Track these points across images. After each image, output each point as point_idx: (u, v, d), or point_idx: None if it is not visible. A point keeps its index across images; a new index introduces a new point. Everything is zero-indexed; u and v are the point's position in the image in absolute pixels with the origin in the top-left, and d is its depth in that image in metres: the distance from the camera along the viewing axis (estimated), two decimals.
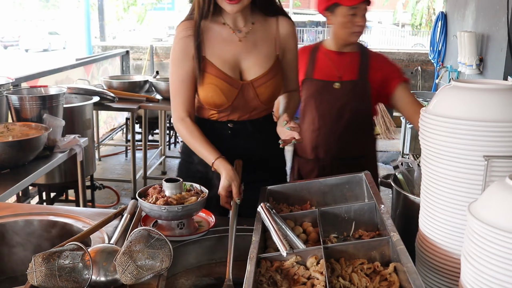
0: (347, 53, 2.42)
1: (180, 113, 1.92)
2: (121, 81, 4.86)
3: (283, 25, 1.96)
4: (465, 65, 5.29)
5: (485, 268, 1.01)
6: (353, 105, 2.39)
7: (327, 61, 2.43)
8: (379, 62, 2.43)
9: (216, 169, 1.82)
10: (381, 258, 1.35)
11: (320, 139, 2.43)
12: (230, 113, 1.97)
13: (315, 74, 2.43)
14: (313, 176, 2.45)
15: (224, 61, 1.89)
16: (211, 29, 1.90)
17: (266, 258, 1.35)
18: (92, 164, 4.17)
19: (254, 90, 1.90)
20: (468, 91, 1.23)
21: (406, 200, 1.69)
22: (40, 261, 1.29)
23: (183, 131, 1.93)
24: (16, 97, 3.05)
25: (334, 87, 2.37)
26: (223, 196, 1.77)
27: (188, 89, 1.91)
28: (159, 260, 1.31)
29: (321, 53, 2.46)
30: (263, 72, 1.90)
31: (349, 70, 2.39)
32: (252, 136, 2.01)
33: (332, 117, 2.40)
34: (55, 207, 2.11)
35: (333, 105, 2.39)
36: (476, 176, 1.19)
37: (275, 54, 1.95)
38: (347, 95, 2.37)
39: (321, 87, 2.40)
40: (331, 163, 2.44)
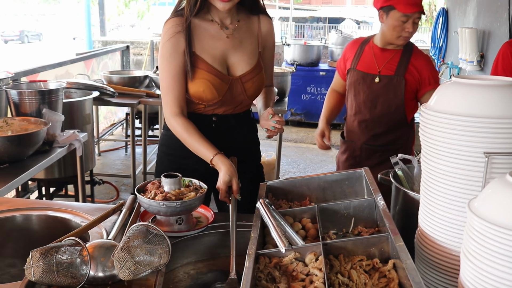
0: (390, 50, 2.63)
1: (173, 109, 1.94)
2: (121, 76, 4.85)
3: (264, 24, 2.06)
4: (466, 61, 5.27)
5: (484, 265, 1.00)
6: (386, 98, 2.60)
7: (371, 55, 2.67)
8: (419, 64, 2.60)
9: (215, 165, 1.84)
10: (380, 254, 1.34)
11: (355, 125, 2.73)
12: (217, 107, 2.01)
13: (359, 65, 2.69)
14: (344, 157, 2.80)
15: (214, 56, 1.94)
16: (199, 25, 1.95)
17: (264, 254, 1.34)
18: (91, 159, 4.16)
19: (242, 86, 1.98)
20: (468, 87, 1.22)
21: (406, 196, 1.68)
22: (38, 256, 1.28)
23: (177, 128, 1.93)
24: (15, 92, 3.04)
25: (374, 81, 2.62)
26: (223, 190, 1.78)
27: (180, 85, 1.93)
28: (157, 255, 1.30)
29: (368, 47, 2.70)
30: (250, 68, 1.99)
31: (388, 66, 2.61)
32: (234, 129, 2.08)
33: (366, 107, 2.64)
34: (53, 202, 2.10)
35: (367, 96, 2.64)
36: (476, 172, 1.18)
37: (258, 51, 2.05)
38: (382, 88, 2.60)
39: (361, 78, 2.66)
40: (361, 148, 2.72)
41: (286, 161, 6.34)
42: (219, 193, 1.80)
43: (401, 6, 2.47)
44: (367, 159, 2.70)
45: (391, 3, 2.50)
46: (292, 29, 15.05)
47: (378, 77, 2.60)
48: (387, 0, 2.52)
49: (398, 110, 2.63)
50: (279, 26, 20.66)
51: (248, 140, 2.17)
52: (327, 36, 11.68)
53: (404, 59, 2.59)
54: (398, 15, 2.50)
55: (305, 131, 7.88)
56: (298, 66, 7.33)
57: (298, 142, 7.34)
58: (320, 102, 7.87)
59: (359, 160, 2.74)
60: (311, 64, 7.88)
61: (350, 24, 21.79)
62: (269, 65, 2.17)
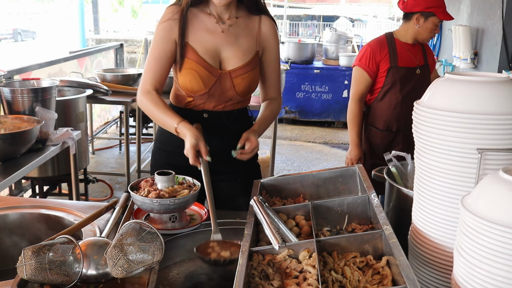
0: (416, 45, 3.12)
1: (147, 86, 1.96)
2: (115, 74, 4.83)
3: (265, 24, 2.04)
4: (460, 59, 5.28)
5: (478, 262, 1.00)
6: (424, 84, 2.82)
7: (406, 52, 3.08)
8: (429, 50, 3.24)
9: (180, 133, 1.84)
10: (373, 251, 1.34)
11: (402, 114, 3.03)
12: (206, 101, 2.01)
13: (399, 62, 3.06)
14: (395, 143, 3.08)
15: (206, 49, 1.95)
16: (197, 17, 1.97)
17: (258, 251, 1.34)
18: (85, 157, 4.15)
19: (231, 81, 1.97)
20: (462, 84, 1.23)
21: (400, 193, 1.68)
22: (30, 254, 1.27)
23: (146, 103, 1.94)
24: (8, 90, 3.02)
25: (417, 73, 3.08)
26: (192, 155, 1.76)
27: (161, 68, 1.96)
28: (150, 253, 1.30)
29: (399, 45, 3.09)
30: (241, 64, 1.97)
31: (419, 57, 3.11)
32: (225, 127, 2.06)
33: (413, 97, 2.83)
34: (46, 200, 2.09)
35: (413, 87, 3.05)
36: (470, 169, 1.18)
37: (255, 50, 2.02)
38: (422, 77, 3.09)
39: (405, 73, 3.05)
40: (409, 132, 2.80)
41: (280, 159, 6.34)
42: (189, 158, 1.77)
43: (441, 15, 2.97)
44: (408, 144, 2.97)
45: (432, 10, 2.97)
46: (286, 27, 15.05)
47: (418, 68, 3.09)
48: (429, 7, 2.97)
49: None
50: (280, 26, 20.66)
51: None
52: (321, 34, 11.69)
53: (423, 49, 3.17)
54: (436, 20, 2.99)
55: (299, 129, 7.89)
56: (292, 64, 7.35)
57: (292, 140, 7.35)
58: (314, 100, 7.88)
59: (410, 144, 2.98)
60: (306, 62, 7.89)
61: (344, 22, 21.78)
62: (273, 71, 2.10)
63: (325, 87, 7.77)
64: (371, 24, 23.90)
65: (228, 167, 2.05)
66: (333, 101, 7.79)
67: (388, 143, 3.10)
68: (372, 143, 3.16)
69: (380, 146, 3.11)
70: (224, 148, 2.02)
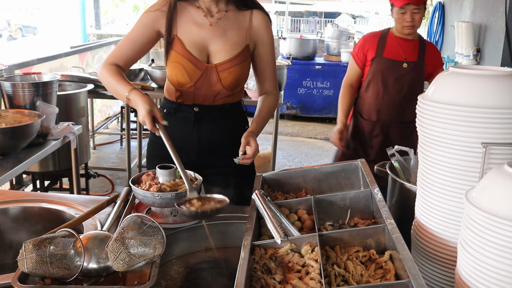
0: (411, 40, 3.08)
1: (111, 59, 1.97)
2: None
3: (256, 18, 2.03)
4: (462, 55, 5.26)
5: (482, 256, 0.99)
6: (411, 80, 3.04)
7: (396, 45, 3.08)
8: (432, 50, 3.15)
9: (132, 100, 1.81)
10: (376, 246, 1.33)
11: (383, 105, 3.09)
12: (194, 95, 2.01)
13: (385, 54, 3.08)
14: (374, 133, 3.14)
15: (193, 42, 1.95)
16: (186, 10, 1.98)
17: (260, 245, 1.33)
18: (86, 152, 4.14)
19: (217, 74, 1.96)
20: (466, 77, 1.21)
21: (402, 188, 1.67)
22: (31, 247, 1.27)
23: (104, 73, 1.94)
24: (9, 84, 3.01)
25: (402, 66, 3.05)
26: (149, 121, 1.74)
27: (132, 49, 1.98)
28: (151, 247, 1.29)
29: (390, 38, 3.10)
30: (228, 58, 1.96)
31: (412, 53, 3.06)
32: (215, 122, 2.06)
33: (395, 89, 3.06)
34: (47, 194, 2.09)
35: (396, 79, 3.05)
36: (474, 163, 1.17)
37: (244, 43, 2.01)
38: (409, 73, 3.05)
39: (389, 64, 3.06)
40: (389, 124, 3.11)
41: (281, 155, 6.33)
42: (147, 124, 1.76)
43: (396, 2, 2.97)
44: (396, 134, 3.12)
45: (391, 1, 3.02)
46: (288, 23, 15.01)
47: (406, 63, 3.04)
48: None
49: (420, 89, 3.03)
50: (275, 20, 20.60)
51: (234, 133, 2.06)
52: (323, 30, 11.66)
53: (422, 48, 3.09)
54: (396, 9, 2.99)
55: (301, 125, 7.88)
56: (294, 60, 7.32)
57: (293, 136, 7.33)
58: (316, 96, 7.86)
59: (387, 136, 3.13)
60: (307, 57, 7.86)
61: (346, 19, 21.75)
62: (267, 65, 2.10)
63: (326, 83, 7.76)
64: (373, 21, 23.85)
65: (218, 161, 2.06)
66: (335, 97, 7.72)
67: (369, 132, 3.17)
68: (358, 129, 3.23)
69: (362, 134, 3.21)
70: (215, 143, 2.05)
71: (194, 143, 2.07)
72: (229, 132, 2.08)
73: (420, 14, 2.97)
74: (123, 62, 1.98)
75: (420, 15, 2.97)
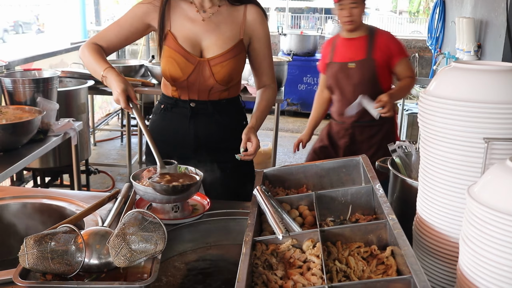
0: (356, 38, 3.02)
1: (95, 40, 1.99)
2: (116, 65, 4.79)
3: (250, 12, 2.03)
4: (463, 51, 5.25)
5: (484, 251, 0.99)
6: (361, 79, 2.98)
7: (342, 47, 3.08)
8: (384, 41, 2.99)
9: (107, 78, 1.84)
10: (378, 241, 1.33)
11: (342, 108, 3.07)
12: (188, 90, 2.02)
13: (335, 58, 3.09)
14: (340, 135, 3.16)
15: (185, 37, 1.97)
16: (179, 5, 2.00)
17: (261, 241, 1.33)
18: (87, 148, 4.14)
19: (209, 69, 1.97)
20: (468, 73, 1.21)
21: (404, 184, 1.66)
22: (32, 243, 1.27)
23: (85, 50, 1.95)
24: (9, 80, 3.01)
25: (349, 67, 3.00)
26: (123, 99, 1.78)
27: (117, 35, 2.00)
28: (153, 243, 1.29)
29: (339, 41, 3.11)
30: (220, 52, 1.97)
31: (359, 51, 2.99)
32: (212, 117, 2.07)
33: (349, 90, 3.02)
34: (48, 190, 2.09)
35: (348, 81, 3.02)
36: (476, 158, 1.16)
37: (238, 38, 2.01)
38: (358, 72, 2.98)
39: (339, 68, 3.04)
40: (352, 126, 3.08)
41: (282, 151, 6.33)
42: (121, 103, 1.79)
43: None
44: (360, 134, 3.11)
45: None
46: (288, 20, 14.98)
47: (352, 63, 3.00)
48: None
49: (374, 86, 2.98)
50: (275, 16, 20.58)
51: (231, 129, 2.07)
52: (323, 26, 11.64)
53: (370, 43, 2.99)
54: (335, 6, 2.99)
55: (301, 121, 7.87)
56: (294, 56, 7.31)
57: (294, 132, 7.33)
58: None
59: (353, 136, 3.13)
60: (308, 54, 7.85)
61: None
62: (263, 59, 2.10)
63: None
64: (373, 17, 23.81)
65: (216, 156, 2.06)
66: None
67: (336, 132, 3.20)
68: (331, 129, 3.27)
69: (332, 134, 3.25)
70: (212, 138, 2.06)
71: (191, 138, 2.08)
72: (226, 127, 2.08)
73: (359, 9, 2.93)
74: (105, 44, 2.00)
75: (359, 9, 2.93)
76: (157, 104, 2.18)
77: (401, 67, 3.00)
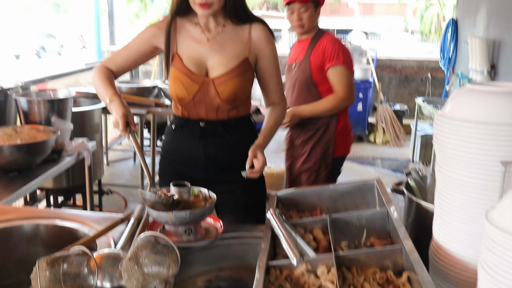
0: (303, 40, 3.01)
1: (108, 63, 2.08)
2: (130, 86, 4.86)
3: (255, 30, 2.03)
4: (476, 71, 5.23)
5: (503, 278, 0.96)
6: (297, 80, 2.98)
7: (293, 49, 3.11)
8: (322, 45, 2.90)
9: (111, 103, 1.90)
10: (394, 267, 1.31)
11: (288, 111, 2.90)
12: (196, 109, 2.03)
13: (288, 60, 3.11)
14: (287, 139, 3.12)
15: (190, 57, 2.00)
16: (184, 27, 2.04)
17: (275, 266, 1.31)
18: (100, 168, 4.15)
19: (214, 88, 1.97)
20: (484, 94, 1.20)
21: (419, 207, 1.64)
22: (45, 265, 1.26)
23: (96, 73, 2.03)
24: (24, 100, 3.04)
25: (292, 68, 3.02)
26: (123, 123, 1.83)
27: (127, 58, 2.07)
28: (166, 266, 1.28)
29: (294, 43, 3.13)
30: (225, 71, 1.97)
31: (301, 53, 2.98)
32: (222, 137, 2.06)
33: (290, 91, 3.05)
34: (61, 211, 2.09)
35: (289, 81, 3.06)
36: (494, 182, 1.15)
37: (243, 56, 2.01)
38: (296, 73, 2.99)
39: (287, 68, 3.09)
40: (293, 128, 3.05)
41: None
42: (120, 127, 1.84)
43: (285, 1, 2.93)
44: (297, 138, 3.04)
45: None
46: None
47: (295, 63, 3.01)
48: None
49: (310, 89, 2.96)
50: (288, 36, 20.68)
51: (242, 148, 2.00)
52: None
53: (311, 46, 2.94)
54: (285, 9, 2.96)
55: None
56: None
57: None
58: None
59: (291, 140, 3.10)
60: None
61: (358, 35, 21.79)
62: (271, 77, 2.09)
63: None
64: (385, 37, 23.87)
65: (226, 177, 2.05)
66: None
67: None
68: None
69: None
70: (222, 158, 2.06)
71: (201, 158, 2.07)
72: (236, 147, 2.06)
73: (308, 13, 2.87)
74: (115, 67, 2.08)
75: (308, 13, 2.87)
76: (169, 124, 2.19)
77: (332, 75, 2.88)
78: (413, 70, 8.78)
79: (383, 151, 7.25)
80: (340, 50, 2.88)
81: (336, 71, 2.87)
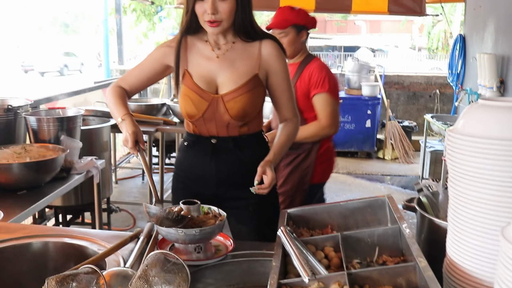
0: (291, 64, 2.91)
1: (121, 83, 2.17)
2: (138, 104, 4.88)
3: (266, 47, 2.03)
4: (485, 87, 5.21)
5: None
6: None
7: None
8: (309, 73, 2.86)
9: (123, 122, 2.01)
10: (407, 285, 1.29)
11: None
12: (206, 126, 2.04)
13: None
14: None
15: (200, 75, 2.00)
16: (194, 44, 2.05)
17: (287, 284, 1.29)
18: (108, 186, 4.15)
19: (223, 104, 1.97)
20: (497, 110, 1.19)
21: (432, 224, 1.62)
22: (54, 284, 1.25)
23: (110, 92, 2.11)
24: (34, 119, 3.06)
25: None
26: (132, 141, 1.94)
27: (140, 77, 2.13)
28: (175, 285, 1.27)
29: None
30: (235, 88, 1.97)
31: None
32: (233, 153, 2.06)
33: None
34: (70, 229, 2.09)
35: None
36: (508, 198, 1.13)
37: (253, 73, 2.00)
38: None
39: None
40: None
41: None
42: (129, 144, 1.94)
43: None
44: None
45: None
46: None
47: None
48: None
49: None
50: None
51: (253, 165, 1.96)
52: (343, 64, 11.70)
53: (299, 70, 2.91)
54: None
55: None
56: None
57: None
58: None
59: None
60: None
61: (365, 52, 21.86)
62: (282, 93, 2.08)
63: (348, 117, 7.71)
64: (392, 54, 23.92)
65: (238, 193, 2.04)
66: (356, 131, 7.71)
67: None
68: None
69: None
70: (234, 175, 2.06)
71: (213, 175, 2.07)
72: (248, 163, 2.03)
73: (288, 38, 2.85)
74: (128, 87, 2.14)
75: (288, 39, 2.85)
76: (181, 141, 2.20)
77: (317, 102, 2.84)
78: (421, 87, 8.78)
79: (392, 167, 7.22)
80: (326, 78, 2.84)
81: (321, 99, 2.83)
